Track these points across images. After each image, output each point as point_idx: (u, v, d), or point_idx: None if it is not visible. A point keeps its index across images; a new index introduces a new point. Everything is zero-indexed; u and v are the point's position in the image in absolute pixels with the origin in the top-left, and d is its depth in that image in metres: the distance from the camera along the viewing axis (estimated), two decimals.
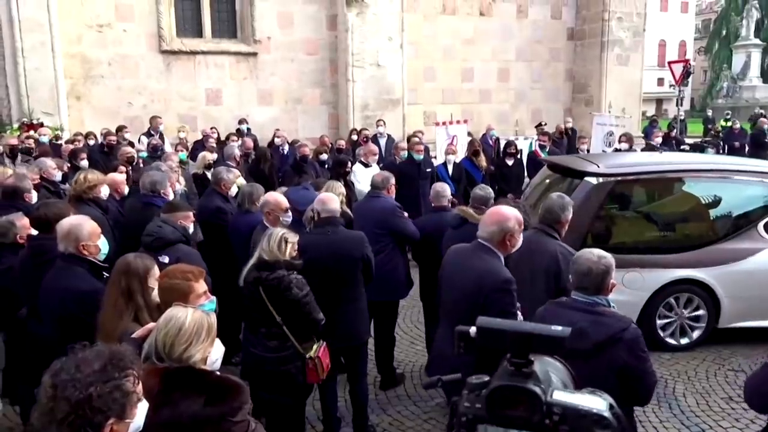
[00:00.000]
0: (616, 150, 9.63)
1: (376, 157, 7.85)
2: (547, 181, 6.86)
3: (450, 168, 8.60)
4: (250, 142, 9.24)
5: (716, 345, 5.82)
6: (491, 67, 15.16)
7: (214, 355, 2.39)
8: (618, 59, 15.36)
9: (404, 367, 5.39)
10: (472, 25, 14.76)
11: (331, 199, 4.31)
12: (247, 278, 3.60)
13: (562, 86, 16.11)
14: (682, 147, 16.02)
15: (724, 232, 5.87)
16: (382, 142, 10.94)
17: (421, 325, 5.89)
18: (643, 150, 10.19)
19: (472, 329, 1.27)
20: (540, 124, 12.92)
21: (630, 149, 9.30)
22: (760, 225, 5.85)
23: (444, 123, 11.29)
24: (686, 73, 17.85)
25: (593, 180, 5.78)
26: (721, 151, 15.53)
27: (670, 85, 22.48)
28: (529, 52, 15.46)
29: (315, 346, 3.67)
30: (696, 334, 5.86)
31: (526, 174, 9.53)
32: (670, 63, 17.79)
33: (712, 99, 35.20)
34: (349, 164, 7.26)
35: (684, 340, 5.86)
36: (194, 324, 2.33)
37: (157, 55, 12.00)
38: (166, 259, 3.78)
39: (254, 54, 12.60)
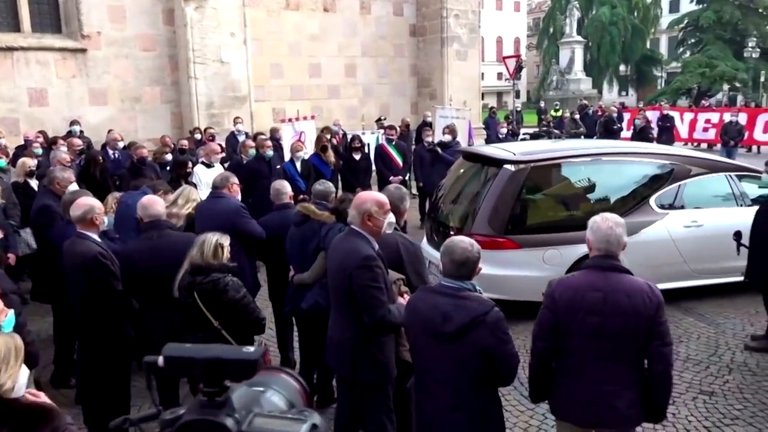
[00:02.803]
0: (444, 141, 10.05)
1: (219, 156, 7.59)
2: (462, 170, 7.22)
3: (298, 165, 8.55)
4: (77, 141, 8.53)
5: None
6: (338, 63, 15.30)
7: (21, 379, 2.19)
8: (457, 55, 16.15)
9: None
10: (317, 21, 14.78)
11: (152, 202, 4.14)
12: (182, 284, 3.59)
13: (408, 81, 16.65)
14: (518, 136, 17.28)
15: (623, 207, 6.36)
16: (241, 140, 10.60)
17: (272, 324, 5.80)
18: (535, 137, 10.71)
19: (160, 359, 1.12)
20: (380, 119, 13.29)
21: (453, 140, 9.77)
22: (651, 200, 6.52)
23: (291, 120, 11.21)
24: (519, 68, 19.25)
25: (511, 167, 6.23)
26: (553, 138, 16.94)
27: (506, 79, 24.08)
28: (374, 48, 15.80)
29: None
30: None
31: (373, 167, 9.73)
32: (504, 58, 19.07)
33: (544, 91, 38.14)
34: (190, 165, 6.96)
35: None
36: (2, 349, 2.12)
37: None
38: None
39: (83, 50, 11.65)
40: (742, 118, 18.02)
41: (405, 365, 3.47)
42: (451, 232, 6.33)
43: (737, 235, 5.55)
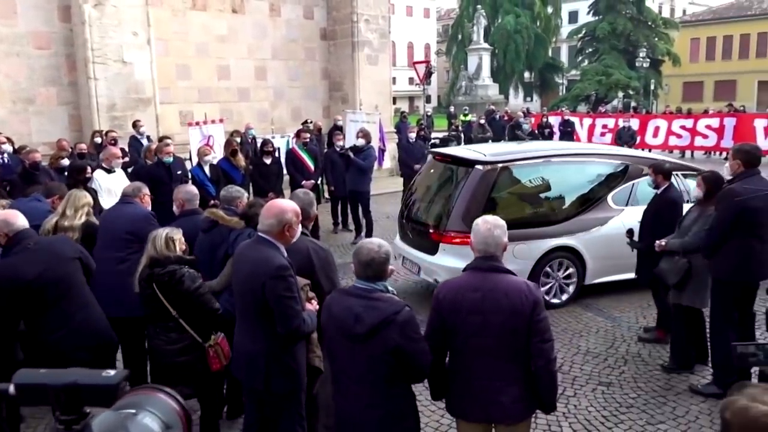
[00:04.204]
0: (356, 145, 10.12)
1: (120, 161, 7.26)
2: (432, 170, 7.69)
3: (207, 169, 8.32)
4: None
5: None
6: (248, 65, 15.04)
7: None
8: (368, 59, 16.27)
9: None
10: (225, 22, 14.47)
11: (9, 215, 3.93)
12: (141, 276, 3.77)
13: (319, 84, 16.61)
14: (429, 141, 17.60)
15: (584, 205, 6.95)
16: (144, 143, 10.18)
17: None
18: (444, 142, 10.92)
19: (11, 387, 1.05)
20: (306, 122, 13.20)
21: (366, 145, 9.88)
22: (609, 197, 6.98)
23: (198, 123, 10.90)
24: (428, 73, 19.66)
25: (482, 167, 6.65)
26: (462, 143, 17.40)
27: (416, 84, 24.51)
28: (285, 51, 15.65)
29: (213, 336, 3.84)
30: (571, 288, 6.96)
31: (285, 171, 9.63)
32: (414, 63, 19.41)
33: (454, 96, 39.04)
34: (89, 169, 6.61)
35: (564, 297, 6.93)
36: None
37: None
38: None
39: None
40: (635, 124, 19.28)
41: (313, 371, 3.47)
42: (431, 230, 6.77)
43: (629, 233, 5.93)
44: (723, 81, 48.27)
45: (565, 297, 6.97)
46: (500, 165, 6.75)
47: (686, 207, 5.62)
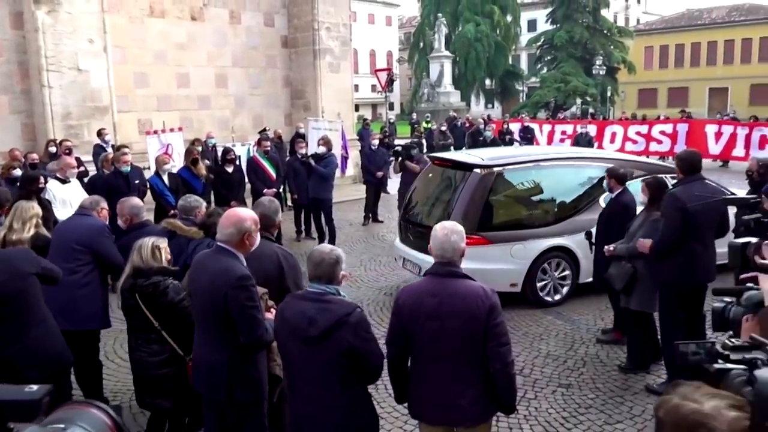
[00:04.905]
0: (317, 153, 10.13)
1: (75, 171, 7.11)
2: (431, 175, 7.96)
3: (165, 178, 8.19)
4: None
5: None
6: (208, 73, 14.89)
7: None
8: (330, 67, 16.28)
9: (120, 398, 4.99)
10: (184, 30, 14.31)
11: None
12: (124, 286, 3.74)
13: (281, 92, 16.54)
14: (392, 148, 17.66)
15: (578, 206, 7.21)
16: (109, 151, 9.95)
17: None
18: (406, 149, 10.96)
19: None
20: (264, 130, 13.10)
21: (328, 152, 9.90)
22: (600, 199, 7.07)
23: (157, 131, 10.73)
24: (390, 81, 19.78)
25: (480, 171, 6.91)
26: (425, 150, 17.54)
27: (378, 91, 24.65)
28: (246, 59, 15.55)
29: None
30: (565, 290, 7.17)
31: (246, 179, 9.55)
32: (376, 71, 19.50)
33: (416, 103, 39.39)
34: (42, 180, 6.45)
35: (557, 297, 7.12)
36: None
37: None
38: None
39: None
40: (592, 130, 19.69)
41: (273, 379, 3.47)
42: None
43: (588, 235, 6.06)
44: (676, 88, 49.82)
45: (558, 297, 7.15)
46: (497, 169, 7.00)
47: None
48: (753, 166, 6.76)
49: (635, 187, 7.67)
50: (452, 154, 8.72)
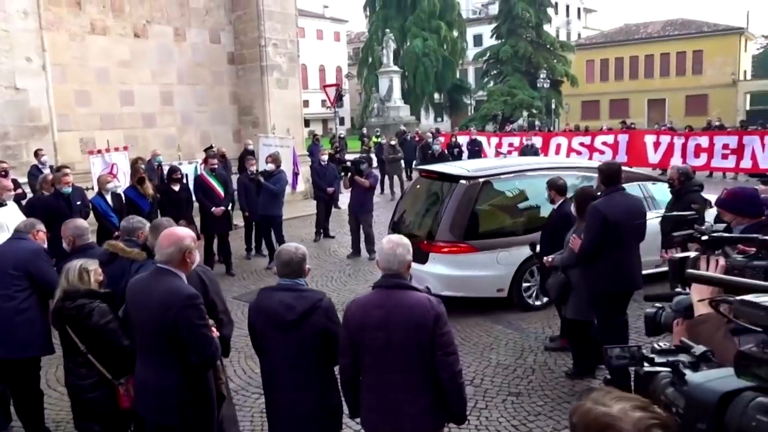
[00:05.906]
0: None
1: (12, 193, 6.86)
2: (419, 186, 8.34)
3: (109, 198, 7.99)
4: None
5: None
6: (153, 91, 14.64)
7: None
8: (278, 83, 16.24)
9: (63, 428, 4.82)
10: (128, 47, 14.05)
11: None
12: (53, 309, 3.78)
13: (228, 109, 16.39)
14: (343, 163, 17.69)
15: None
16: (46, 173, 9.63)
17: None
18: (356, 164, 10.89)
19: None
20: (210, 147, 12.91)
21: (277, 169, 9.84)
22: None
23: (100, 151, 10.48)
24: (339, 96, 19.84)
25: (466, 182, 7.16)
26: (373, 165, 17.59)
27: (328, 107, 24.66)
28: (192, 76, 15.37)
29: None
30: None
31: (194, 198, 9.41)
32: (324, 87, 19.53)
33: (366, 118, 39.50)
34: None
35: (541, 301, 7.26)
36: None
37: None
38: None
39: None
40: (538, 141, 20.18)
41: (219, 397, 3.49)
42: (425, 241, 7.11)
43: (532, 246, 6.21)
44: (617, 100, 51.63)
45: (541, 301, 7.29)
46: (482, 179, 7.24)
47: (650, 214, 6.21)
48: (673, 175, 7.10)
49: (635, 191, 7.96)
50: (438, 167, 8.82)
